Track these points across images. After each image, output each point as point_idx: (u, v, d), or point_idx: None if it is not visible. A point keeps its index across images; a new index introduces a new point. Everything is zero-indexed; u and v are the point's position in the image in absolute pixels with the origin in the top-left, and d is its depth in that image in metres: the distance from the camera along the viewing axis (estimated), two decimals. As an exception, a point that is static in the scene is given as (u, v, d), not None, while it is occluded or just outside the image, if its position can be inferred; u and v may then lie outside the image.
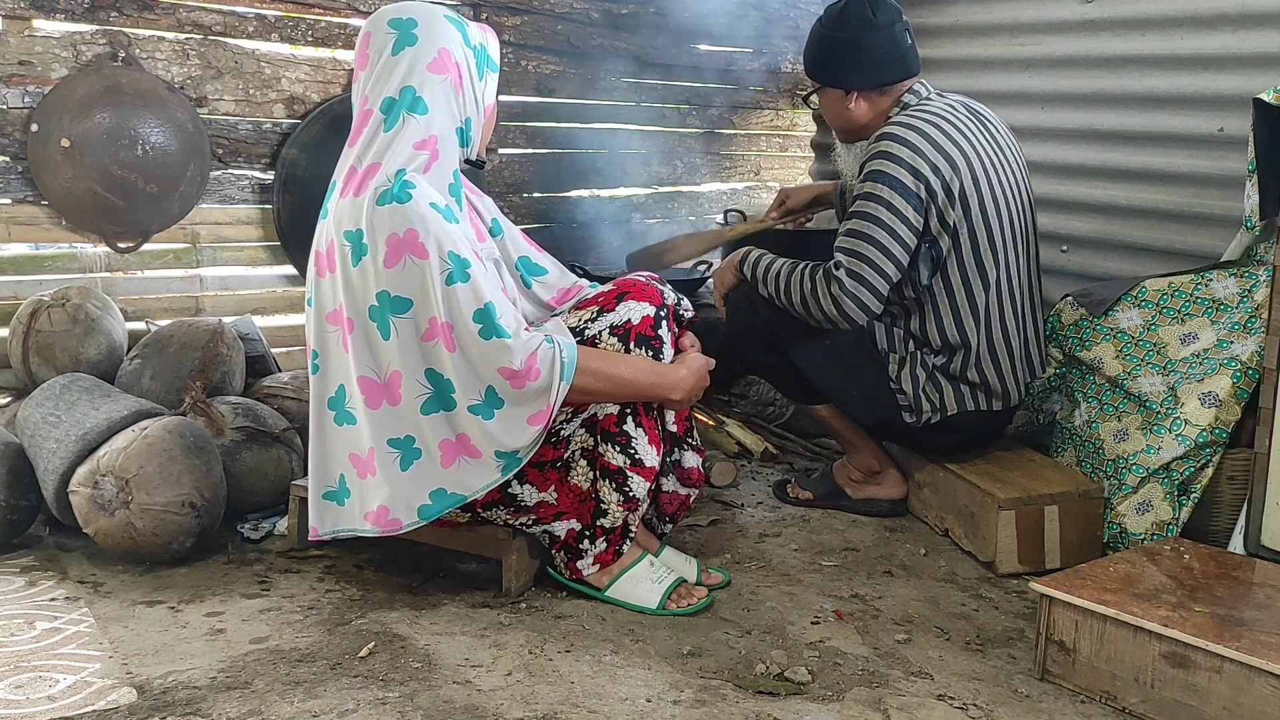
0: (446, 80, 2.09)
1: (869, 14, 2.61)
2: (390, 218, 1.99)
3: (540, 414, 2.05)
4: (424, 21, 2.10)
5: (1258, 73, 2.80)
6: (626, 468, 2.18)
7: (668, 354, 2.21)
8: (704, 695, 1.87)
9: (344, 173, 2.11)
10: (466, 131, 2.15)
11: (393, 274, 2.00)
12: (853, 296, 2.48)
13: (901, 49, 2.63)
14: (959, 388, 2.60)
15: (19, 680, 1.84)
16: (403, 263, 1.99)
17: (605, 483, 2.19)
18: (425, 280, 1.99)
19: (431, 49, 2.08)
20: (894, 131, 2.53)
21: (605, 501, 2.19)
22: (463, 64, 2.12)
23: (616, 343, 2.15)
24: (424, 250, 1.99)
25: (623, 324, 2.17)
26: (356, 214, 2.03)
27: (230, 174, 3.33)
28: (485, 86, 2.18)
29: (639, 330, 2.17)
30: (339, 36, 3.46)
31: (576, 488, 2.20)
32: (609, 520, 2.20)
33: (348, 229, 2.04)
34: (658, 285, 2.26)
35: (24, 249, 3.11)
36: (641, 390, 2.16)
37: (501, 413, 2.03)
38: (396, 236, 1.99)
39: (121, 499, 2.24)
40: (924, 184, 2.48)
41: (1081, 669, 1.94)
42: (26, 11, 2.95)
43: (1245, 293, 2.57)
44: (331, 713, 1.76)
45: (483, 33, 2.21)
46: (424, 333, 2.02)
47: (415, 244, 1.99)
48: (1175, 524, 2.49)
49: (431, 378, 2.04)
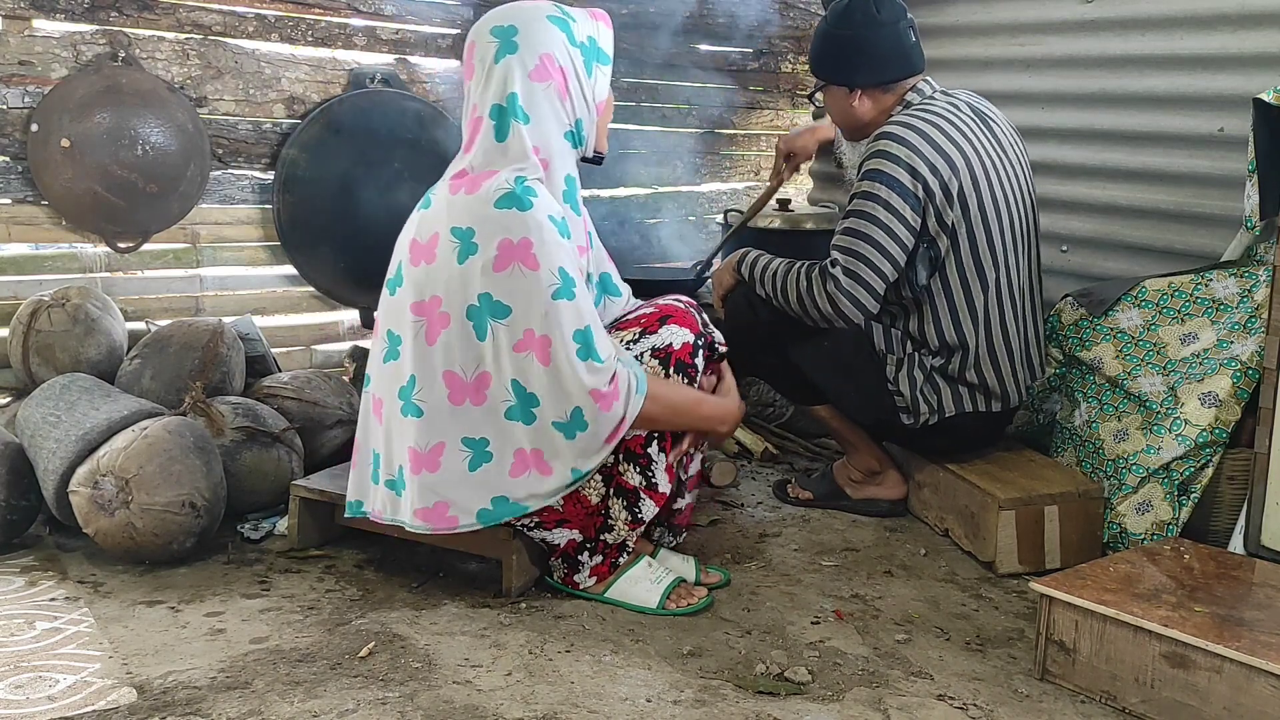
0: (550, 87, 2.07)
1: (874, 11, 2.60)
2: (506, 221, 1.99)
3: (615, 433, 2.06)
4: (524, 27, 2.08)
5: (1258, 73, 2.79)
6: (641, 489, 2.18)
7: (699, 383, 2.24)
8: (704, 695, 1.87)
9: (454, 171, 2.11)
10: (578, 133, 2.14)
11: (499, 278, 1.99)
12: (849, 295, 2.48)
13: (906, 46, 2.63)
14: (957, 389, 2.60)
15: (19, 680, 1.84)
16: (511, 269, 1.98)
17: (617, 501, 2.19)
18: (531, 292, 1.99)
19: (533, 56, 2.06)
20: (893, 130, 2.53)
21: (614, 519, 2.19)
22: (568, 66, 2.09)
23: (657, 365, 2.17)
24: (535, 261, 1.98)
25: (664, 347, 2.18)
26: (471, 211, 2.02)
27: (230, 174, 3.33)
28: (595, 83, 2.13)
29: (679, 356, 2.18)
30: (339, 36, 3.46)
31: (585, 500, 2.18)
32: (613, 537, 2.20)
33: (457, 225, 2.02)
34: (695, 313, 2.27)
35: (24, 249, 3.11)
36: (697, 420, 2.20)
37: (584, 434, 2.04)
38: (510, 242, 1.98)
39: (121, 499, 2.24)
40: (922, 183, 2.48)
41: (1081, 669, 1.94)
42: (26, 11, 2.96)
43: (1245, 293, 2.56)
44: (331, 713, 1.76)
45: (594, 23, 2.14)
46: (517, 343, 2.01)
47: (528, 253, 1.98)
48: (1175, 524, 2.49)
49: (516, 388, 2.03)
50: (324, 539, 2.47)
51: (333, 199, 3.40)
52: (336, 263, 3.46)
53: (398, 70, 3.56)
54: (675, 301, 2.29)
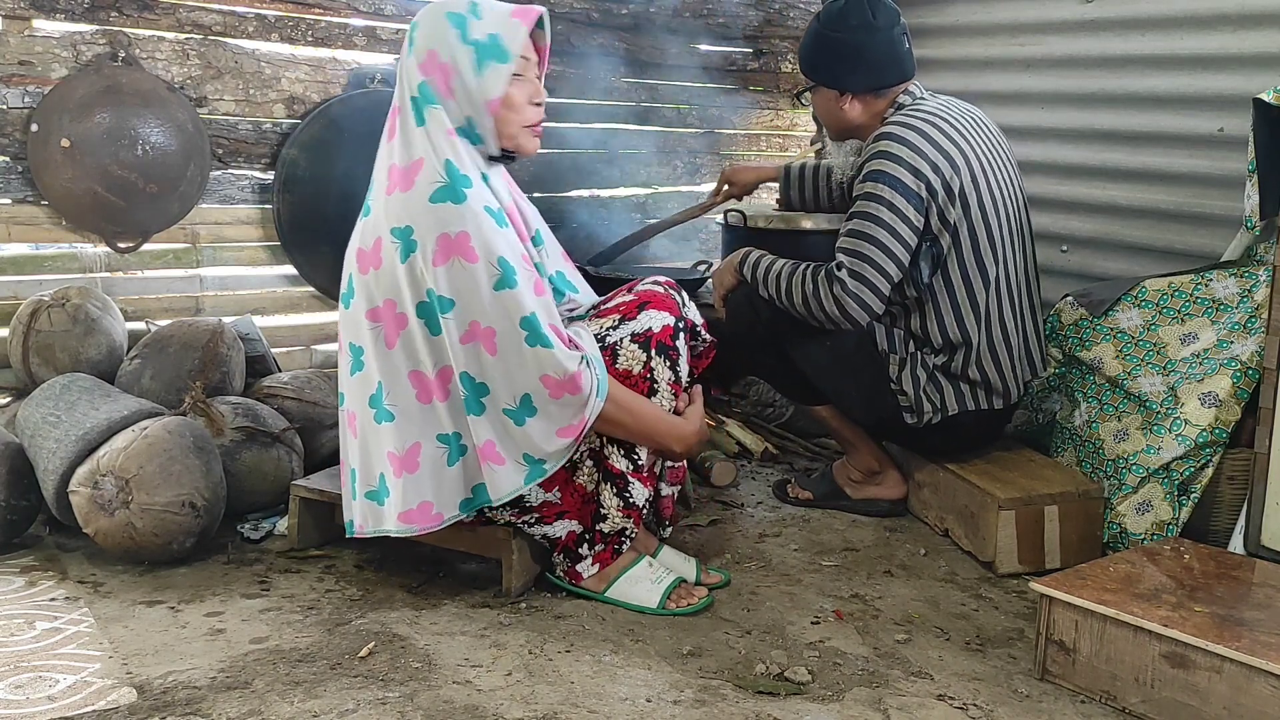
0: (434, 82, 2.09)
1: (869, 16, 2.60)
2: (442, 215, 2.00)
3: (571, 428, 2.06)
4: (422, 23, 2.12)
5: (1258, 73, 2.80)
6: (629, 473, 2.19)
7: (683, 367, 2.24)
8: (704, 695, 1.87)
9: (385, 170, 2.11)
10: (471, 130, 2.13)
11: (440, 273, 2.00)
12: (855, 297, 2.48)
13: (899, 53, 2.63)
14: (959, 387, 2.60)
15: (19, 680, 1.84)
16: (451, 263, 2.00)
17: (607, 486, 2.20)
18: (473, 284, 2.00)
19: (422, 52, 2.10)
20: (893, 131, 2.53)
21: (605, 506, 2.20)
22: (450, 64, 2.07)
23: (638, 350, 2.17)
24: (474, 254, 1.99)
25: (644, 332, 2.18)
26: (407, 209, 2.03)
27: (230, 174, 3.33)
28: (485, 81, 2.09)
29: (659, 338, 2.19)
30: (339, 36, 3.46)
31: (581, 488, 2.20)
32: (608, 525, 2.21)
33: (396, 225, 2.04)
34: (675, 296, 2.28)
35: (24, 249, 3.11)
36: (654, 433, 2.18)
37: (534, 419, 2.05)
38: (448, 237, 1.99)
39: (121, 499, 2.24)
40: (924, 182, 2.48)
41: (1081, 669, 1.94)
42: (26, 11, 2.95)
43: (1245, 293, 2.57)
44: (331, 713, 1.76)
45: (508, 21, 2.11)
46: (463, 335, 2.03)
47: (466, 246, 1.99)
48: (1175, 524, 2.49)
49: (465, 381, 2.05)
50: (324, 539, 2.47)
51: (333, 199, 3.40)
52: (336, 263, 3.42)
53: (398, 70, 3.55)
54: (654, 286, 2.29)
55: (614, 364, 2.16)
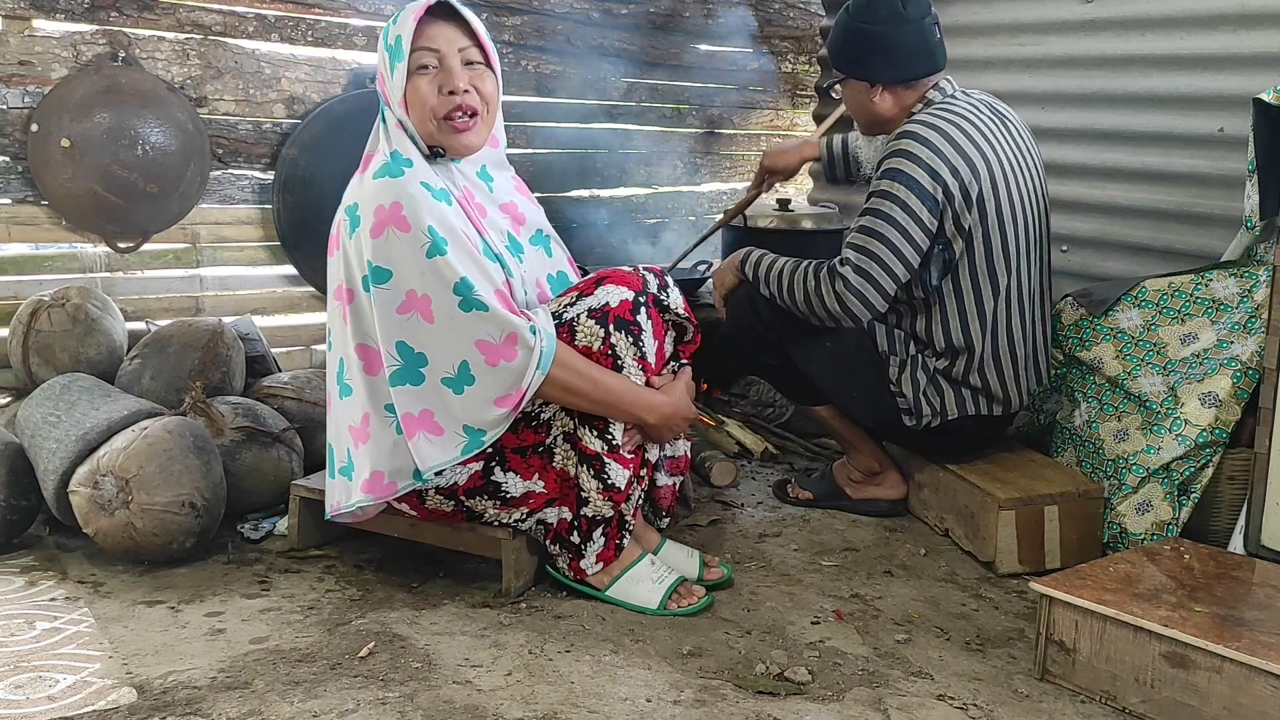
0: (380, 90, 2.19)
1: (900, 7, 2.55)
2: (380, 189, 2.05)
3: (509, 398, 2.04)
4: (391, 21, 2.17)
5: (1258, 73, 2.80)
6: (604, 454, 2.16)
7: (648, 342, 2.17)
8: (704, 695, 1.87)
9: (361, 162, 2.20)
10: (407, 131, 2.14)
11: (377, 244, 2.03)
12: (857, 293, 2.47)
13: (930, 44, 2.59)
14: (960, 392, 2.60)
15: (19, 680, 1.84)
16: (386, 234, 2.02)
17: (584, 469, 2.17)
18: (406, 253, 2.01)
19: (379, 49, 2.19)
20: (915, 130, 2.50)
21: (585, 489, 2.18)
22: (380, 72, 2.17)
23: (595, 325, 2.12)
24: (405, 223, 2.01)
25: (600, 307, 2.14)
26: (357, 189, 2.11)
27: (230, 174, 3.34)
28: (394, 82, 2.12)
29: (617, 313, 2.14)
30: (339, 36, 3.46)
31: (563, 472, 2.19)
32: (591, 510, 2.18)
33: (347, 204, 2.11)
34: (641, 273, 2.22)
35: (24, 249, 3.11)
36: (619, 402, 2.13)
37: (471, 389, 2.04)
38: (383, 208, 2.03)
39: (121, 499, 2.24)
40: (941, 186, 2.46)
41: (1081, 669, 1.94)
42: (26, 11, 2.96)
43: (1245, 293, 2.56)
44: (331, 713, 1.76)
45: (410, 22, 2.10)
46: (400, 305, 2.03)
47: (399, 216, 2.02)
48: (1175, 524, 2.49)
49: (402, 350, 2.05)
50: (324, 539, 2.47)
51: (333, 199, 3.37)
52: (336, 263, 3.45)
53: (398, 70, 3.56)
54: (619, 268, 2.23)
55: (573, 341, 2.12)
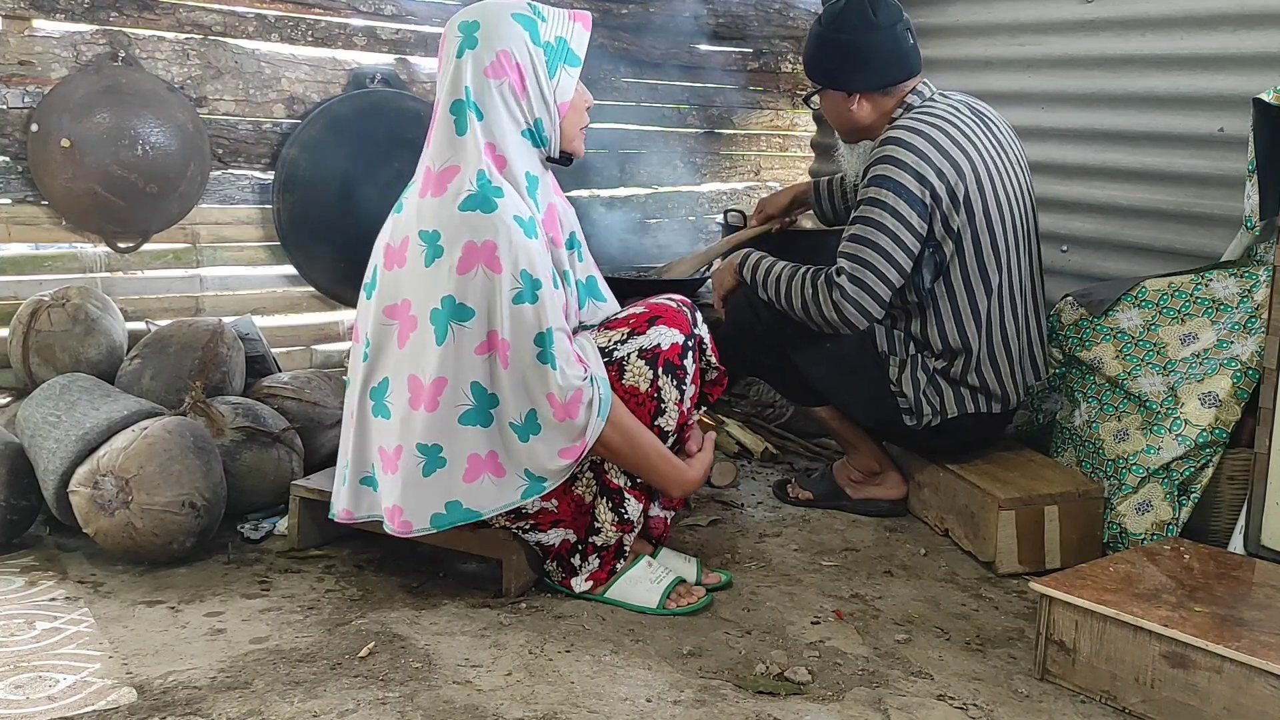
0: (505, 84, 2.08)
1: (870, 14, 2.58)
2: (471, 223, 2.00)
3: (572, 449, 2.06)
4: (486, 22, 2.09)
5: (1258, 73, 2.79)
6: (626, 489, 2.19)
7: (689, 388, 2.22)
8: (704, 695, 1.87)
9: (421, 173, 2.13)
10: (538, 132, 2.13)
11: (462, 280, 2.00)
12: (854, 302, 2.47)
13: (904, 49, 2.61)
14: (959, 391, 2.60)
15: (19, 680, 1.84)
16: (475, 272, 1.99)
17: (603, 501, 2.19)
18: (493, 294, 2.00)
19: (490, 52, 2.07)
20: (898, 135, 2.51)
21: (600, 520, 2.20)
22: (525, 64, 2.09)
23: (645, 367, 2.15)
24: (498, 264, 1.99)
25: (652, 348, 2.16)
26: (437, 214, 2.04)
27: (230, 174, 3.33)
28: (558, 83, 2.12)
29: (667, 356, 2.17)
30: (339, 36, 3.46)
31: (579, 498, 2.19)
32: (601, 539, 2.21)
33: (424, 228, 2.04)
34: (688, 312, 2.25)
35: (24, 249, 3.11)
36: (652, 469, 2.17)
37: (537, 437, 2.05)
38: (474, 245, 1.99)
39: (121, 499, 2.24)
40: (929, 189, 2.47)
41: (1081, 669, 1.94)
42: (26, 11, 2.96)
43: (1245, 293, 2.56)
44: (331, 713, 1.76)
45: (570, 24, 2.14)
46: (479, 345, 2.02)
47: (491, 256, 1.98)
48: (1175, 524, 2.49)
49: (476, 391, 2.03)
50: (324, 539, 2.47)
51: (333, 199, 3.40)
52: (336, 263, 3.46)
53: (398, 70, 3.56)
54: (667, 301, 2.26)
55: (620, 379, 2.14)
